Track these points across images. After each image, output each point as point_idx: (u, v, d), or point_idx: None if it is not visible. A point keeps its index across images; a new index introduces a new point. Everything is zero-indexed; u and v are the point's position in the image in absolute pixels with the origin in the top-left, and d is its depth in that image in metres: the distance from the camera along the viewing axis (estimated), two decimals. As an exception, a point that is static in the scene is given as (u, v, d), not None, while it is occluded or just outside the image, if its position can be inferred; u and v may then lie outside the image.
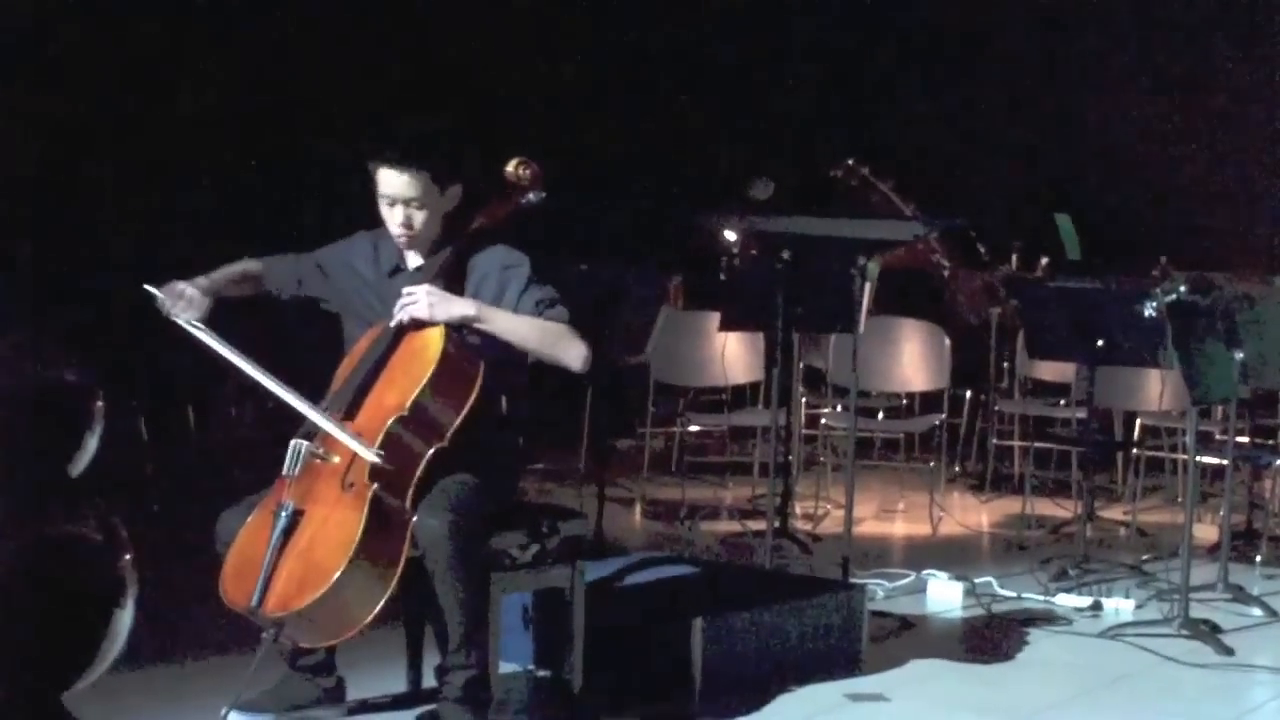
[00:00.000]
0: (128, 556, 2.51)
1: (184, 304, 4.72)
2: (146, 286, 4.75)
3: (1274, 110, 11.25)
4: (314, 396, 4.65)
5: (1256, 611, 6.68)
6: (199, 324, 4.70)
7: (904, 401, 9.82)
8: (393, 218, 4.79)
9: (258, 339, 4.88)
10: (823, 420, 9.37)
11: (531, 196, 4.99)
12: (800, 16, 12.11)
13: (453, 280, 4.77)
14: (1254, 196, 11.25)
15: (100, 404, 2.51)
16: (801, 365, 9.12)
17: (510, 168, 4.98)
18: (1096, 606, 6.67)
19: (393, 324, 4.71)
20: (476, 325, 4.70)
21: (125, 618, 2.50)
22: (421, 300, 4.67)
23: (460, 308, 4.69)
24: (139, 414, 8.03)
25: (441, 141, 4.87)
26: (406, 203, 4.75)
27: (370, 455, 4.42)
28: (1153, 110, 11.46)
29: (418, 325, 4.69)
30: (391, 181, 4.74)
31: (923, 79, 11.89)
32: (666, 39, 11.88)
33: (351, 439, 4.46)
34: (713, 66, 11.98)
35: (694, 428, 9.67)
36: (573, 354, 4.79)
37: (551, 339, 4.77)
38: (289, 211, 8.97)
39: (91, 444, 2.51)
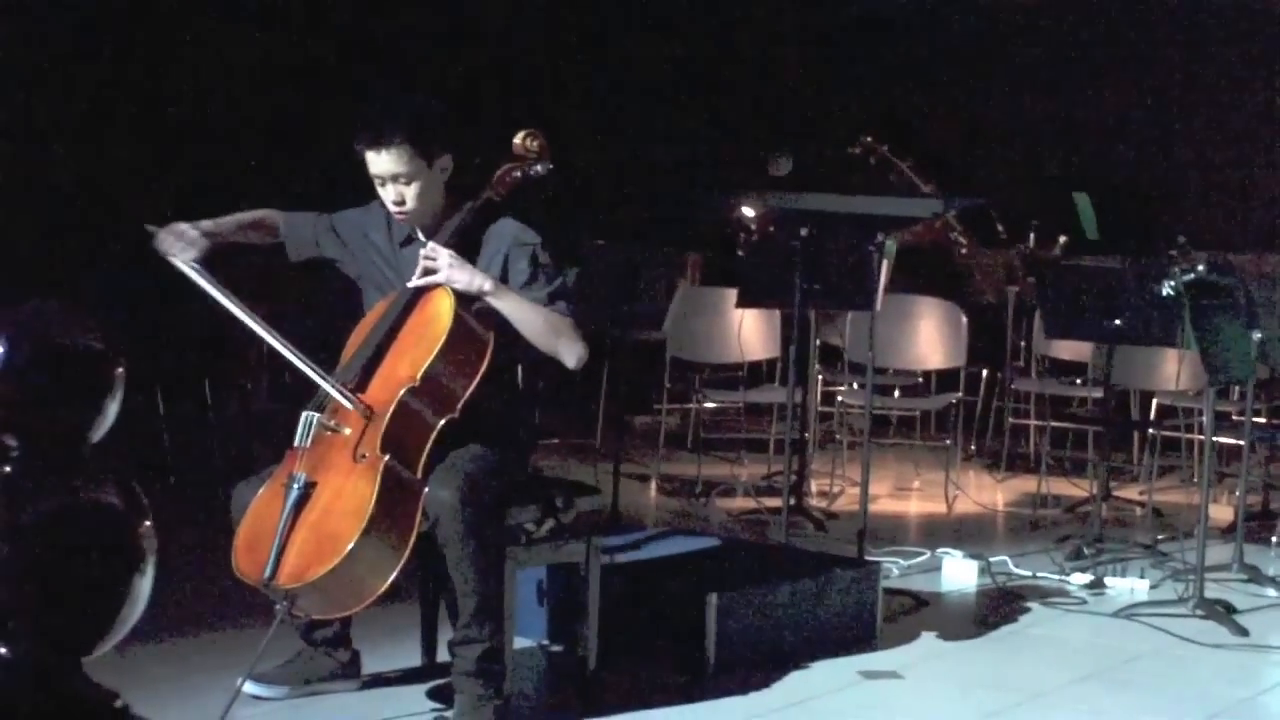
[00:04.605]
0: (148, 522, 2.51)
1: (182, 244, 4.69)
2: (147, 226, 4.73)
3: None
4: (328, 365, 4.65)
5: (1272, 592, 6.67)
6: (196, 265, 4.66)
7: (920, 379, 9.80)
8: (386, 196, 4.78)
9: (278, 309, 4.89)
10: (839, 398, 9.36)
11: (539, 168, 4.98)
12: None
13: (464, 250, 4.76)
14: (1277, 177, 11.21)
15: (121, 370, 2.51)
16: (818, 342, 9.12)
17: (518, 139, 4.98)
18: (1098, 583, 6.66)
19: (411, 284, 4.71)
20: (488, 299, 4.69)
21: (145, 583, 2.50)
22: (442, 260, 4.67)
23: (478, 280, 4.69)
24: (155, 386, 8.04)
25: (419, 114, 4.83)
26: (394, 179, 4.74)
27: (347, 401, 4.45)
28: (1173, 90, 11.42)
29: (429, 290, 4.69)
30: (376, 161, 4.73)
31: (942, 57, 11.85)
32: (684, 14, 11.86)
33: (328, 383, 4.48)
34: (731, 43, 11.97)
35: (710, 404, 9.68)
36: (570, 351, 4.77)
37: (554, 332, 4.75)
38: (301, 186, 8.98)
39: (112, 410, 2.50)
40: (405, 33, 10.27)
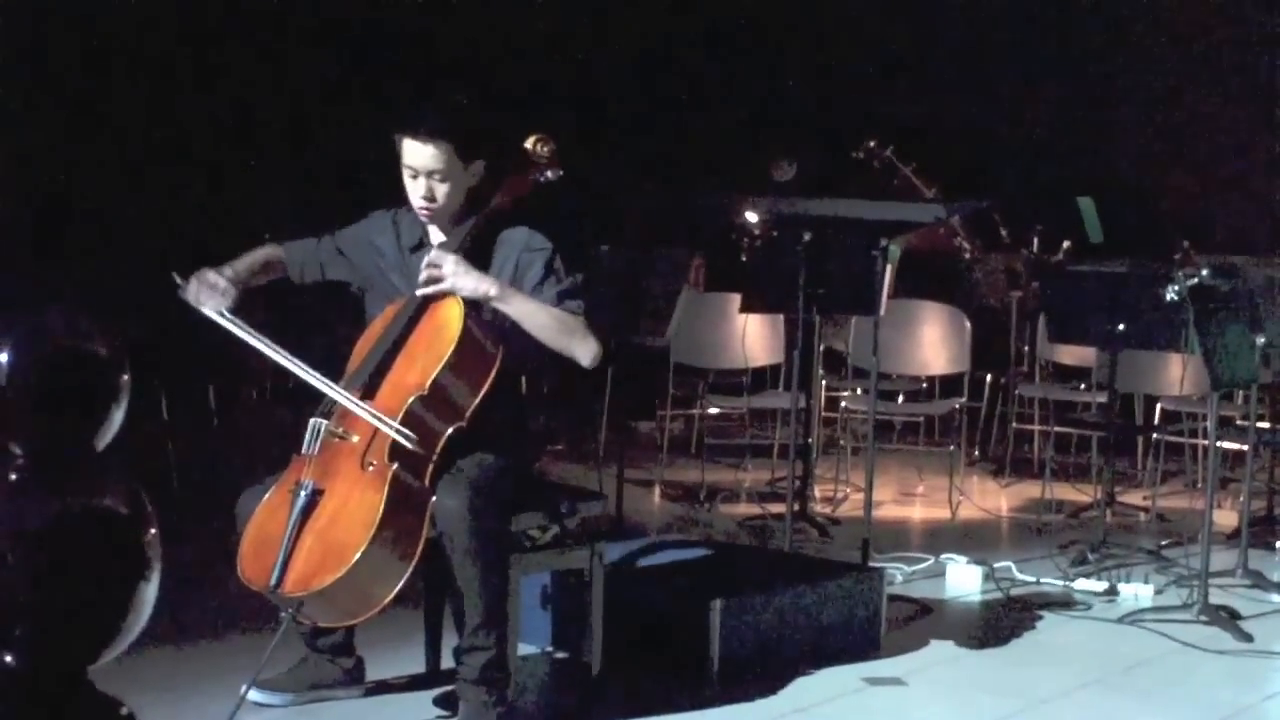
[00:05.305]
0: (153, 530, 2.51)
1: (213, 293, 4.67)
2: (173, 276, 4.71)
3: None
4: (332, 373, 4.65)
5: (1276, 598, 6.66)
6: (227, 314, 4.64)
7: (924, 385, 9.80)
8: (415, 189, 4.77)
9: (275, 316, 4.88)
10: (843, 403, 9.36)
11: (549, 174, 4.98)
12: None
13: (475, 257, 4.76)
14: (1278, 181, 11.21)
15: (127, 377, 2.51)
16: (822, 348, 9.11)
17: (529, 144, 4.98)
18: (1113, 591, 6.65)
19: (418, 292, 4.71)
20: (495, 304, 4.69)
21: (150, 591, 2.51)
22: (448, 267, 4.67)
23: (485, 284, 4.69)
24: (160, 392, 8.04)
25: (467, 115, 4.86)
26: (430, 174, 4.73)
27: (404, 439, 4.42)
28: (1177, 94, 11.41)
29: (438, 298, 4.68)
30: (416, 153, 4.73)
31: (945, 61, 11.86)
32: (690, 19, 11.86)
33: (386, 424, 4.44)
34: (736, 47, 11.96)
35: (714, 410, 9.66)
36: (583, 349, 4.77)
37: (566, 331, 4.75)
38: (310, 187, 9.00)
39: (118, 417, 2.51)
40: (409, 39, 10.27)
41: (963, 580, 6.80)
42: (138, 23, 8.95)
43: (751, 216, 10.26)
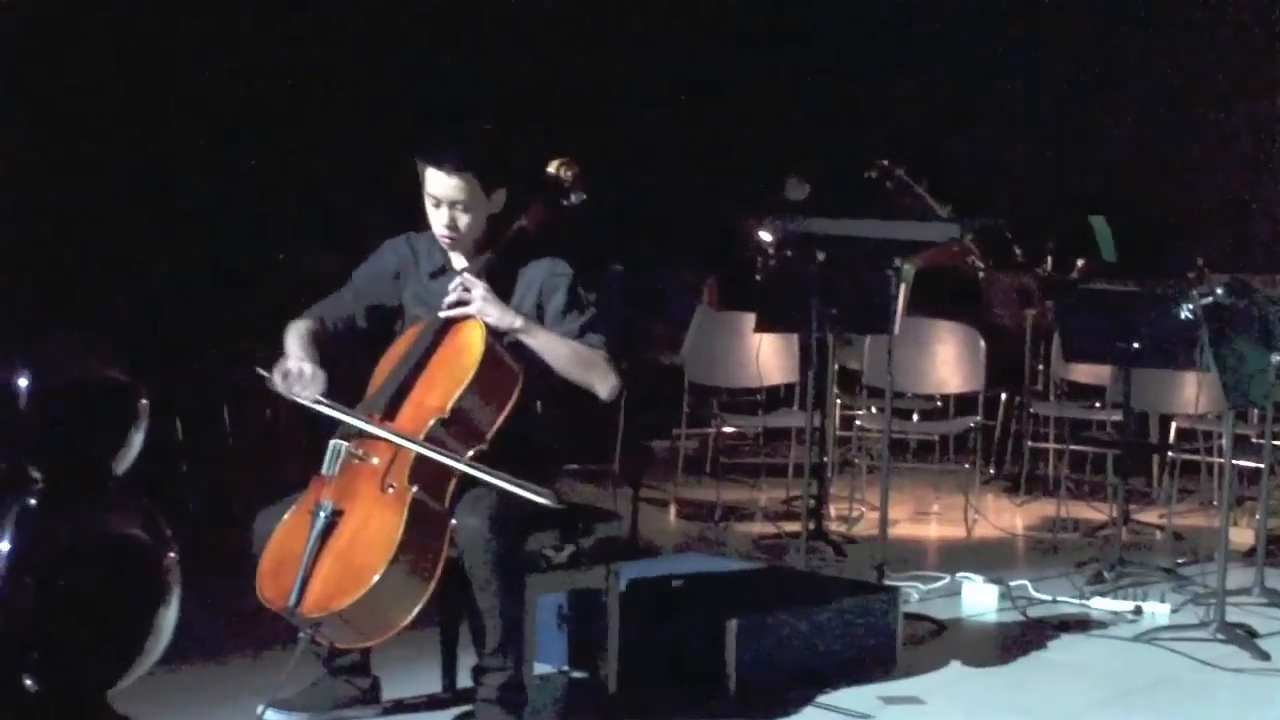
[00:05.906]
0: (172, 554, 2.52)
1: (307, 383, 4.61)
2: (258, 370, 4.68)
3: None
4: (352, 397, 4.65)
5: (1292, 615, 6.66)
6: (320, 399, 4.59)
7: (939, 403, 9.79)
8: (438, 218, 4.79)
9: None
10: (857, 422, 9.35)
11: (573, 198, 4.98)
12: (832, 16, 12.11)
13: (498, 284, 4.78)
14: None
15: (144, 401, 2.52)
16: (836, 366, 9.10)
17: (552, 168, 4.98)
18: (1133, 610, 6.64)
19: (442, 314, 4.72)
20: (519, 336, 4.71)
21: (169, 615, 2.52)
22: (476, 292, 4.68)
23: (509, 317, 4.71)
24: (174, 412, 8.04)
25: (491, 145, 4.86)
26: (452, 204, 4.75)
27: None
28: (1190, 112, 11.41)
29: (460, 321, 4.70)
30: (439, 182, 4.74)
31: (957, 79, 11.86)
32: (700, 39, 11.88)
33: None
34: (748, 67, 11.98)
35: (728, 429, 9.66)
36: (603, 384, 4.81)
37: (586, 365, 4.78)
38: (328, 208, 9.01)
39: (136, 441, 2.52)
40: (419, 59, 10.29)
41: (978, 599, 6.79)
42: (151, 34, 8.97)
43: (765, 236, 10.27)
